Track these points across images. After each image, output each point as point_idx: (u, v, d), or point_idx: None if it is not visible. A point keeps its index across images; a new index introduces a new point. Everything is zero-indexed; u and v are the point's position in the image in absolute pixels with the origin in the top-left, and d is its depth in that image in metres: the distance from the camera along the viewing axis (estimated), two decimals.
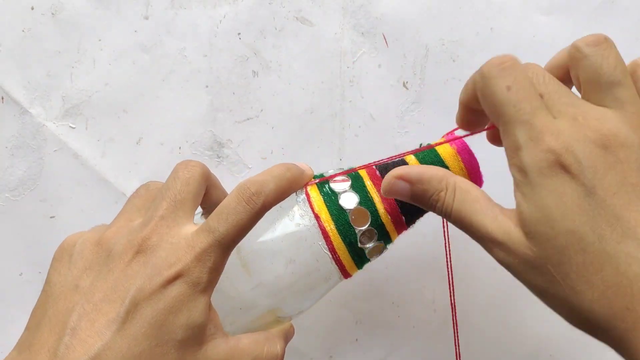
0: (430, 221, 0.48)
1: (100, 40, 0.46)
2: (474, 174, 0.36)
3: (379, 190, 0.35)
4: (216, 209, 0.30)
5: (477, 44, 0.46)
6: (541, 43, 0.46)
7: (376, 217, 0.35)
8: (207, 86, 0.47)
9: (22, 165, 0.47)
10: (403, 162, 0.36)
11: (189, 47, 0.46)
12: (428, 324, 0.49)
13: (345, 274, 0.37)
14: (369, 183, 0.36)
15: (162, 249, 0.29)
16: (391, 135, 0.47)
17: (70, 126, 0.47)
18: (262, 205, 0.30)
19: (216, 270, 0.30)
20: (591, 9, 0.46)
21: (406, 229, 0.37)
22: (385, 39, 0.46)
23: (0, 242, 0.48)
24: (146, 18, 0.46)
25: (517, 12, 0.46)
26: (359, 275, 0.51)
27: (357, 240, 0.35)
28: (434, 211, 0.33)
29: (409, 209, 0.36)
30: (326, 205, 0.35)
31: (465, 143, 0.36)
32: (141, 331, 0.27)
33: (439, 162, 0.36)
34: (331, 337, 0.49)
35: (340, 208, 0.35)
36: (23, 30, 0.46)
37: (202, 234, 0.29)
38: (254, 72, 0.47)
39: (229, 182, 0.41)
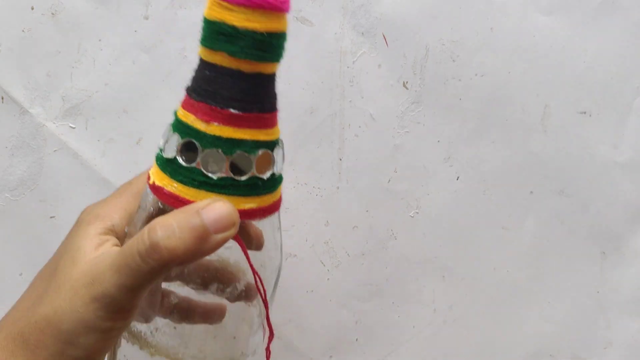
0: (430, 221, 0.48)
1: (100, 40, 0.46)
2: None
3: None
4: None
5: (477, 44, 0.46)
6: (541, 43, 0.46)
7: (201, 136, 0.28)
8: None
9: (22, 165, 0.47)
10: None
11: (189, 47, 0.46)
12: (428, 324, 0.49)
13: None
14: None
15: None
16: (391, 135, 0.47)
17: (70, 126, 0.47)
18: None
19: None
20: (591, 9, 0.46)
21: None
22: (385, 39, 0.46)
23: (0, 242, 0.48)
24: (146, 18, 0.46)
25: (517, 12, 0.46)
26: (359, 275, 0.51)
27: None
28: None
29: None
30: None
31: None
32: None
33: None
34: (331, 337, 0.49)
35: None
36: (23, 30, 0.46)
37: None
38: None
39: None
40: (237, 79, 0.28)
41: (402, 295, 0.48)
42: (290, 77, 0.46)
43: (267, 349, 0.33)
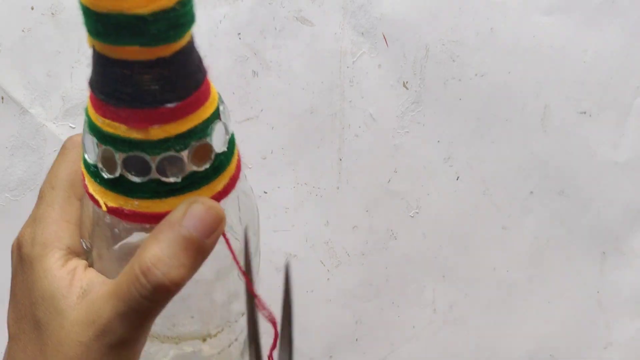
0: (430, 221, 0.48)
1: None
2: None
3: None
4: None
5: (477, 44, 0.46)
6: (541, 43, 0.46)
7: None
8: None
9: (22, 165, 0.47)
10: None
11: None
12: (428, 324, 0.49)
13: None
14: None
15: None
16: (391, 135, 0.47)
17: (70, 126, 0.47)
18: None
19: None
20: (591, 9, 0.46)
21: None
22: (385, 39, 0.46)
23: (0, 242, 0.48)
24: None
25: (517, 12, 0.46)
26: (359, 275, 0.51)
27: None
28: None
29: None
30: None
31: None
32: None
33: None
34: (331, 337, 0.49)
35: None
36: (23, 30, 0.46)
37: None
38: (254, 72, 0.47)
39: None
40: (161, 67, 0.22)
41: (402, 295, 0.48)
42: (290, 77, 0.46)
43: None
